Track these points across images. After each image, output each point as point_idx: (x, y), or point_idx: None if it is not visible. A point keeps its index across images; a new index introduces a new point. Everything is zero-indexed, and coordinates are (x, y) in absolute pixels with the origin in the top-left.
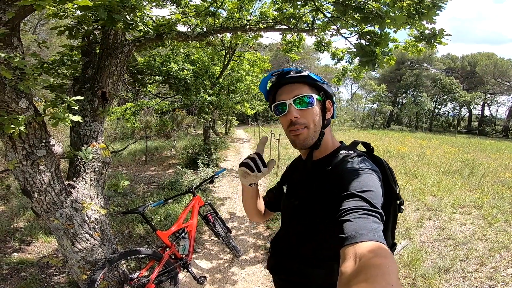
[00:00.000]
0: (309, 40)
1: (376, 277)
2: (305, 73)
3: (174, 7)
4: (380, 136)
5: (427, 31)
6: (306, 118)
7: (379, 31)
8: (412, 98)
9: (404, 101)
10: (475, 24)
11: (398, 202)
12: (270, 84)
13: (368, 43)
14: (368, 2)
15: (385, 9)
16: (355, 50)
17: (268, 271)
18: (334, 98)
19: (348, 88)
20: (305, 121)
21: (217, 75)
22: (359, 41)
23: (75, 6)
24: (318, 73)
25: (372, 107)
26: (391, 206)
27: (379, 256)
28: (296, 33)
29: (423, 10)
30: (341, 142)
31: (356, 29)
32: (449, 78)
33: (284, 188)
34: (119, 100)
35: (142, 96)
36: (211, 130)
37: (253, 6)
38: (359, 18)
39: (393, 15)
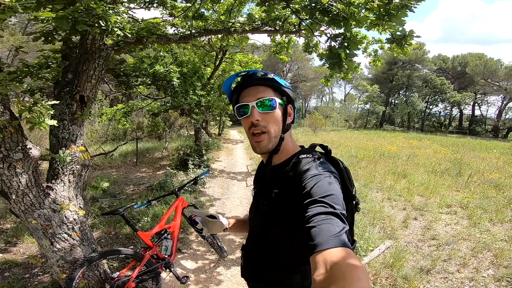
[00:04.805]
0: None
1: (350, 286)
2: (270, 76)
3: (161, 8)
4: (372, 136)
5: (398, 33)
6: (267, 122)
7: (348, 33)
8: (404, 99)
9: (396, 102)
10: (467, 25)
11: (355, 202)
12: (235, 84)
13: (339, 46)
14: (334, 5)
15: (353, 10)
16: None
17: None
18: (295, 103)
19: (342, 89)
20: (266, 124)
21: (208, 76)
22: (330, 43)
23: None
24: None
25: (365, 108)
26: (348, 206)
27: (347, 263)
28: (284, 35)
29: (393, 12)
30: (302, 147)
31: (331, 31)
32: (440, 79)
33: (252, 193)
34: (111, 101)
35: (134, 97)
36: (203, 131)
37: (244, 8)
38: (326, 20)
39: (357, 16)
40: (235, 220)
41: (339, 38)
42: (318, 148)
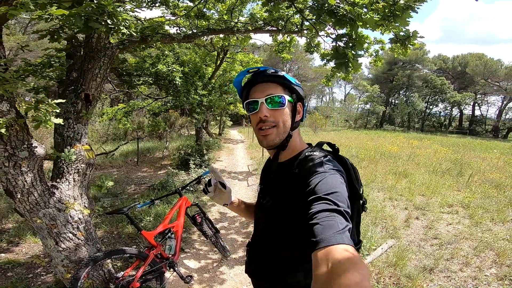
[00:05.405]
0: (303, 41)
1: (349, 286)
2: (280, 73)
3: (164, 8)
4: (373, 136)
5: (401, 33)
6: (276, 118)
7: (353, 34)
8: (404, 99)
9: (396, 102)
10: (467, 25)
11: (361, 201)
12: (245, 80)
13: (344, 46)
14: (341, 6)
15: (359, 11)
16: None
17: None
18: (305, 102)
19: (342, 89)
20: (274, 120)
21: (209, 76)
22: (335, 43)
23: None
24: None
25: (365, 108)
26: (354, 205)
27: (349, 261)
28: (286, 35)
29: (397, 12)
30: (309, 144)
31: (334, 31)
32: (440, 79)
33: (258, 188)
34: (112, 100)
35: (135, 97)
36: (204, 131)
37: (246, 7)
38: (332, 21)
39: (364, 17)
40: (240, 202)
41: (345, 38)
42: (325, 147)
